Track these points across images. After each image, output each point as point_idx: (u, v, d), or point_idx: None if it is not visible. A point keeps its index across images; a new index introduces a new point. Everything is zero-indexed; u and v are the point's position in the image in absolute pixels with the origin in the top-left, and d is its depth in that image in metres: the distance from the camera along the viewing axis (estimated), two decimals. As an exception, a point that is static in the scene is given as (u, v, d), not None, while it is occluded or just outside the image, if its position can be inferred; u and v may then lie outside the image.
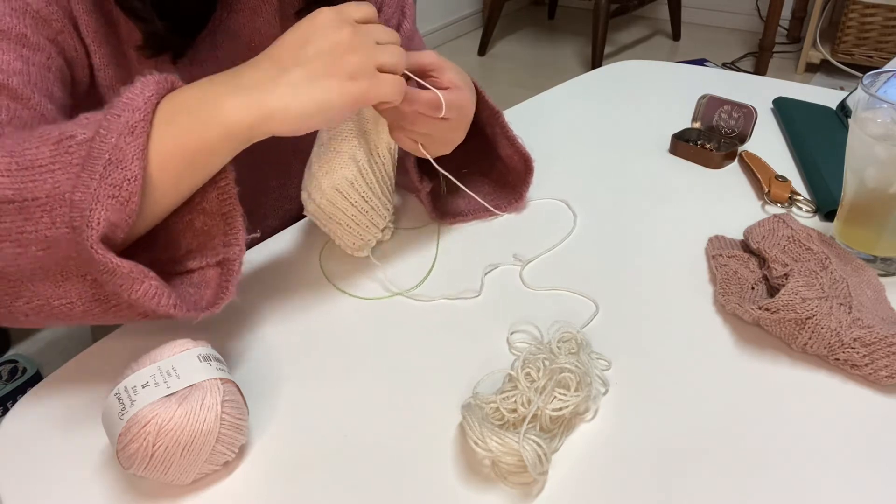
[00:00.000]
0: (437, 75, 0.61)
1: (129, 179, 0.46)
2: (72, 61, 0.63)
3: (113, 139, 0.45)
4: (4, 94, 0.54)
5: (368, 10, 0.54)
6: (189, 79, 0.66)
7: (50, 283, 0.47)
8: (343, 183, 0.61)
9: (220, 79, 0.51)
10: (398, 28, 0.85)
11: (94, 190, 0.44)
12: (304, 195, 0.63)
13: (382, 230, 0.68)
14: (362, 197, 0.63)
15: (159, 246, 0.54)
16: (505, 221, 0.74)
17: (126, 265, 0.45)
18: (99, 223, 0.44)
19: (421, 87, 0.61)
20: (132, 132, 0.46)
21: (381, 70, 0.52)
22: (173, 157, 0.49)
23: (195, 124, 0.49)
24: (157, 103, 0.49)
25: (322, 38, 0.51)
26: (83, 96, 0.64)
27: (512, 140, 0.72)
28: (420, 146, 0.63)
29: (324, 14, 0.52)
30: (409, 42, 0.86)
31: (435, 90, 0.59)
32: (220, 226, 0.53)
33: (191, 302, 0.51)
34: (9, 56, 0.56)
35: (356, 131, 0.61)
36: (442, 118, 0.60)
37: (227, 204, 0.53)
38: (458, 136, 0.65)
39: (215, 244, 0.53)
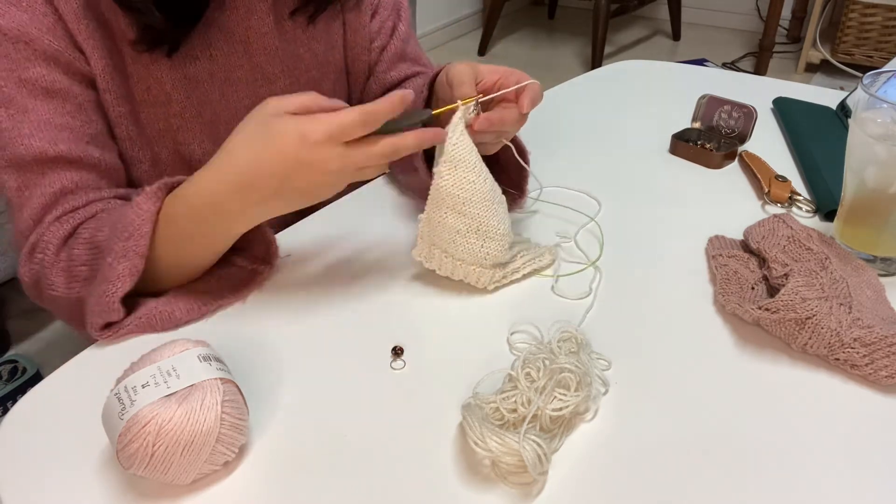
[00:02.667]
0: (504, 82, 0.63)
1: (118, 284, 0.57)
2: (88, 82, 0.64)
3: (111, 259, 0.57)
4: (60, 165, 0.62)
5: (357, 132, 0.54)
6: (182, 76, 0.67)
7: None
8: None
9: (218, 202, 0.57)
10: (393, 31, 0.85)
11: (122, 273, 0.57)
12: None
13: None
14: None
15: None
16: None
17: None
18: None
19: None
20: (127, 254, 0.56)
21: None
22: (179, 252, 0.60)
23: (205, 238, 0.60)
24: (157, 220, 0.57)
25: (301, 178, 0.54)
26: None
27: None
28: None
29: (319, 157, 0.53)
30: (405, 45, 0.86)
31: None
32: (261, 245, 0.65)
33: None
34: (48, 113, 0.61)
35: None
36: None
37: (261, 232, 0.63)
38: None
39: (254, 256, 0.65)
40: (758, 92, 1.00)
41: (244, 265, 0.65)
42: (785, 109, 0.95)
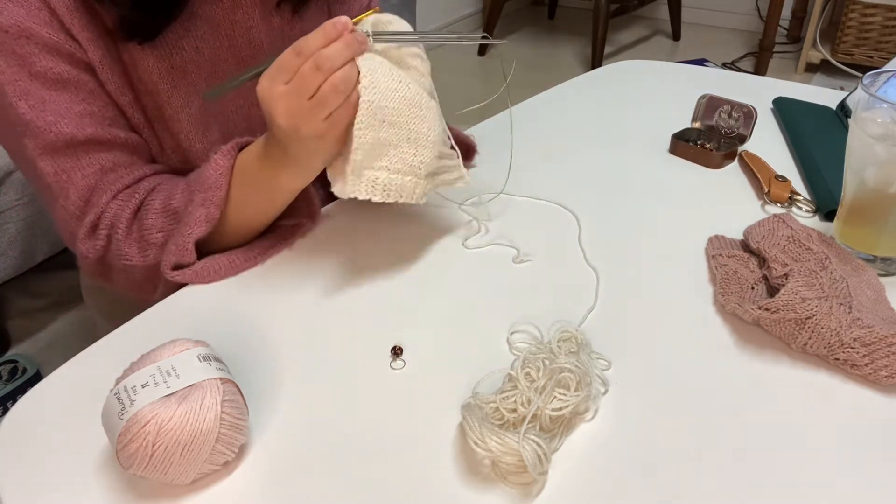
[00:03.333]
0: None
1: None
2: (92, 70, 0.65)
3: (190, 233, 0.63)
4: (93, 147, 0.65)
5: (310, 44, 0.56)
6: (169, 66, 0.70)
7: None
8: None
9: (269, 156, 0.63)
10: (369, 4, 0.85)
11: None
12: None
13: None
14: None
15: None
16: (504, 221, 0.74)
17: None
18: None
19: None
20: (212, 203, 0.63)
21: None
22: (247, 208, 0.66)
23: (267, 193, 0.65)
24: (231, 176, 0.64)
25: (304, 124, 0.57)
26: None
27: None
28: None
29: (284, 99, 0.57)
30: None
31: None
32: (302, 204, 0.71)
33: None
34: (67, 102, 0.63)
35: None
36: None
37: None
38: None
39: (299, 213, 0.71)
40: (758, 92, 1.00)
41: (288, 223, 0.71)
42: (785, 109, 0.95)
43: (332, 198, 0.78)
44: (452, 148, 0.67)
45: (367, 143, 0.58)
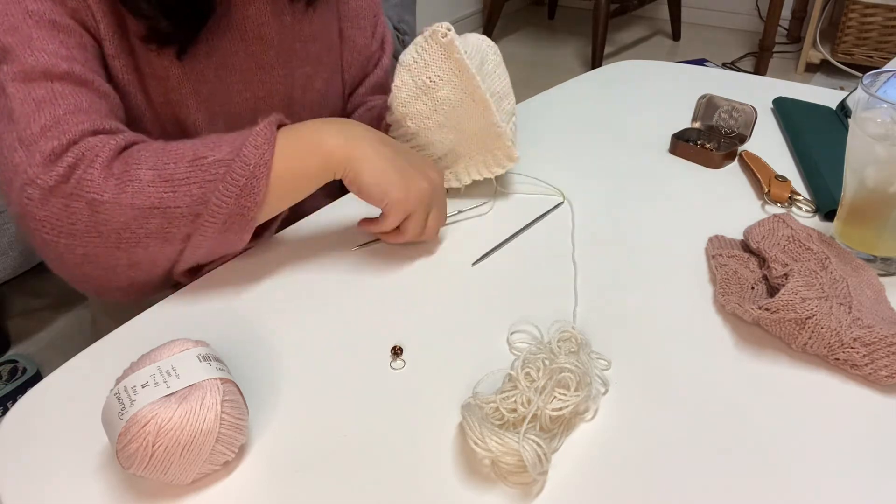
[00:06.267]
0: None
1: (256, 202, 0.59)
2: (92, 35, 0.64)
3: (251, 166, 0.58)
4: (70, 82, 0.59)
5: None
6: (187, 72, 0.67)
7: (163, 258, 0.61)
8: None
9: (326, 124, 0.65)
10: (378, 62, 0.89)
11: (232, 203, 0.58)
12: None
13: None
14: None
15: None
16: (504, 221, 0.74)
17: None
18: (226, 224, 0.59)
19: None
20: (265, 164, 0.59)
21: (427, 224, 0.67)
22: (282, 181, 0.61)
23: (302, 153, 0.62)
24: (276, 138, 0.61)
25: (414, 177, 0.64)
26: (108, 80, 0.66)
27: None
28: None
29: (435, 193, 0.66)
30: (388, 77, 0.89)
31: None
32: None
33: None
34: (53, 43, 0.60)
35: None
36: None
37: None
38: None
39: None
40: (758, 92, 1.00)
41: None
42: (785, 109, 0.95)
43: (330, 197, 0.78)
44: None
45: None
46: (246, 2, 0.71)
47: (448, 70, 0.67)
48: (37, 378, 1.43)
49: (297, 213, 0.71)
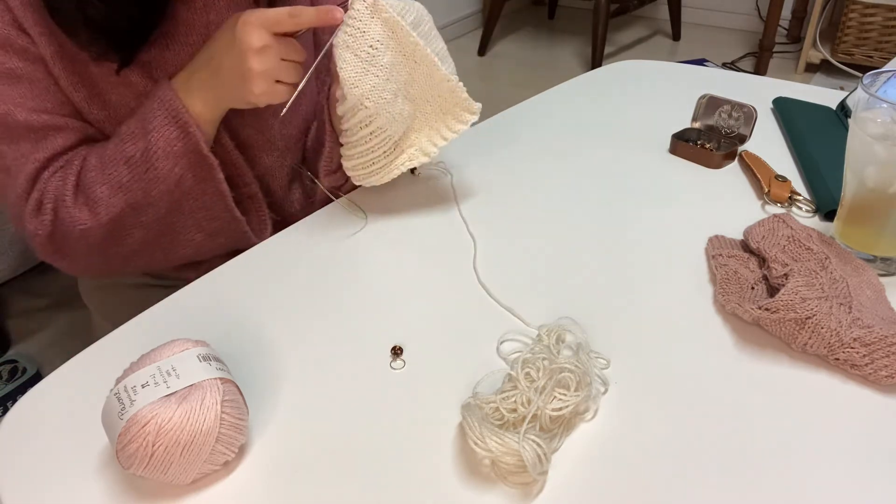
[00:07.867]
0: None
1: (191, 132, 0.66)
2: (42, 62, 0.65)
3: (170, 110, 0.65)
4: (50, 132, 0.66)
5: (285, 23, 0.62)
6: (140, 62, 0.68)
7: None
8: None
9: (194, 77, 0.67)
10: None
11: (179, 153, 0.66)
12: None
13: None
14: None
15: None
16: (504, 221, 0.74)
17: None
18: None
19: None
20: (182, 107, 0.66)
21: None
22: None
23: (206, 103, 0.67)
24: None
25: (230, 56, 0.63)
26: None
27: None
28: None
29: (245, 35, 0.62)
30: None
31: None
32: None
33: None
34: (20, 99, 0.64)
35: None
36: None
37: None
38: None
39: None
40: (758, 92, 1.00)
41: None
42: (785, 109, 0.95)
43: (328, 201, 0.78)
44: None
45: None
46: (207, 8, 0.70)
47: (384, 34, 0.64)
48: (37, 378, 1.43)
49: (293, 215, 0.71)
